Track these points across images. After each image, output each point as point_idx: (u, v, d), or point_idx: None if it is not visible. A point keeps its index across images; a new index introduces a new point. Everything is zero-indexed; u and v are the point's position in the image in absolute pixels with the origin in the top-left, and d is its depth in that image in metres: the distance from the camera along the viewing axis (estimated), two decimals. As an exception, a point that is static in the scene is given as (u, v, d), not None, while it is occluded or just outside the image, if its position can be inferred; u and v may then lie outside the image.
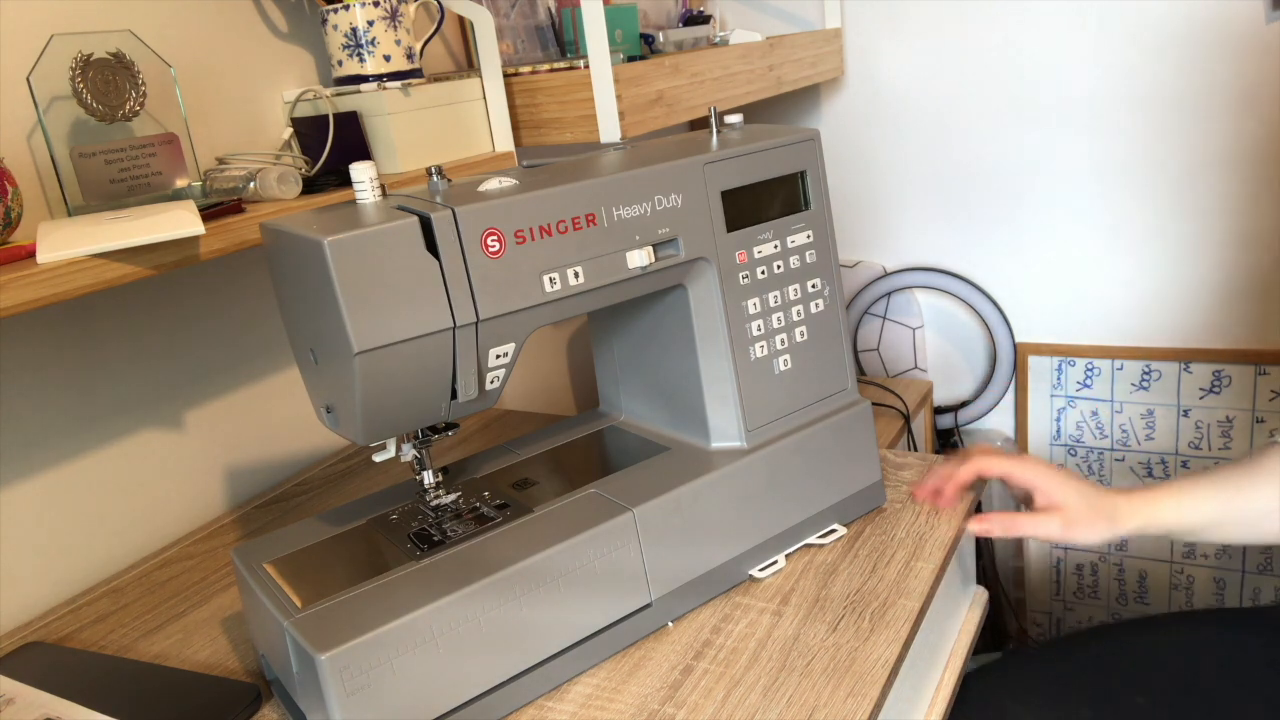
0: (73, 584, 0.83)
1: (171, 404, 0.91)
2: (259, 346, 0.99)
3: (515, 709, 0.61)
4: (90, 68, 0.73)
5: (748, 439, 0.72)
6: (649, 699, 0.60)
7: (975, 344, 1.69)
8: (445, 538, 0.64)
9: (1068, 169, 1.51)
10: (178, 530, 0.92)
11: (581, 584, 0.62)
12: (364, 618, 0.55)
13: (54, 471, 0.82)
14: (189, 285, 0.92)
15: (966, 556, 0.85)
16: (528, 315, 0.61)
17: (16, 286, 0.60)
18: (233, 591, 0.79)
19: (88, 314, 0.84)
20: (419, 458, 0.67)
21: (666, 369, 0.75)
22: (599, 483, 0.69)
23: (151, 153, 0.77)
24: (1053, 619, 1.70)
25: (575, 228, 0.62)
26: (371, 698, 0.54)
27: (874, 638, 0.64)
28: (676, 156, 0.67)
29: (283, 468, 1.01)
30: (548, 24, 1.27)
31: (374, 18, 0.91)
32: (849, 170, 1.70)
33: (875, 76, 1.62)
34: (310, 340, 0.60)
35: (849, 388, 0.78)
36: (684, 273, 0.69)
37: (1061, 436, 1.63)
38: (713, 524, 0.69)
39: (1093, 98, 1.46)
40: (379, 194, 0.60)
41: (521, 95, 1.04)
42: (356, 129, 0.91)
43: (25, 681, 0.65)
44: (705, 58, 1.16)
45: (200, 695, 0.64)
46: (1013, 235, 1.59)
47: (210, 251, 0.71)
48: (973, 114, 1.56)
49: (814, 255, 0.74)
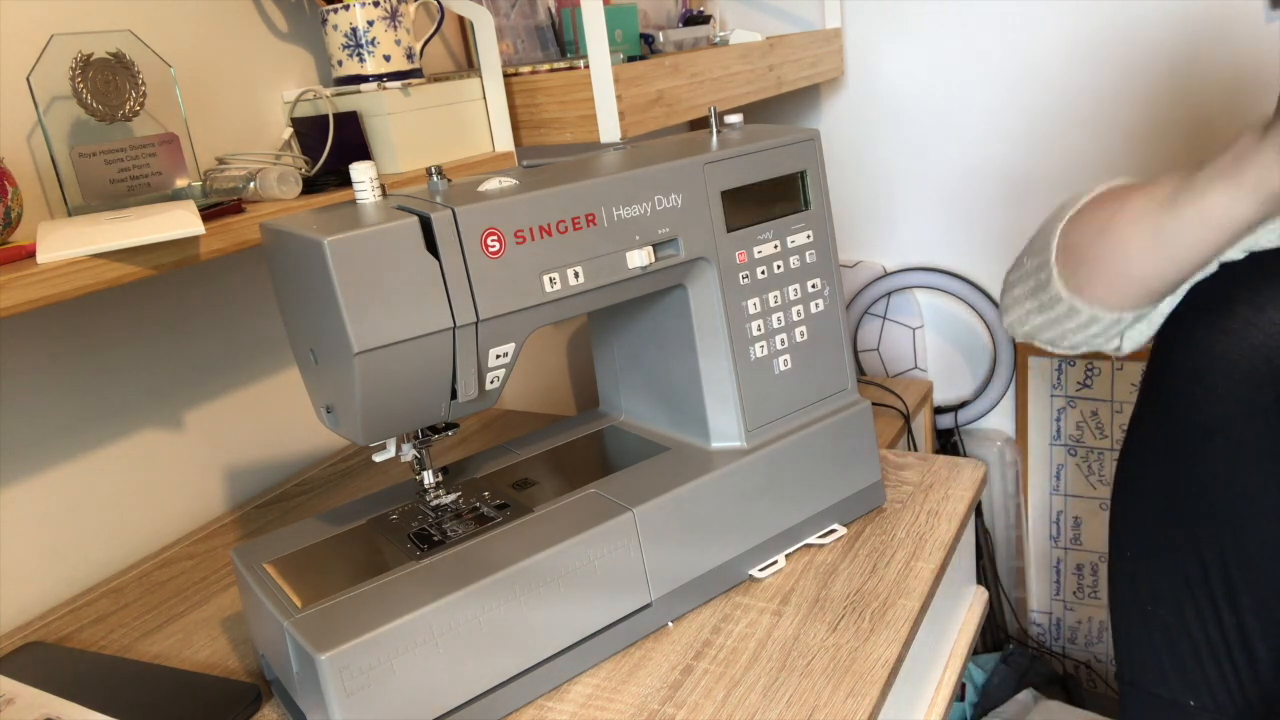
0: (73, 584, 0.83)
1: (171, 404, 0.91)
2: (259, 346, 0.99)
3: (515, 709, 0.61)
4: (90, 68, 0.73)
5: (748, 439, 0.72)
6: (649, 699, 0.60)
7: (975, 344, 1.69)
8: (445, 538, 0.64)
9: (1067, 169, 1.51)
10: (178, 530, 0.92)
11: (581, 584, 0.62)
12: (364, 618, 0.55)
13: (54, 471, 0.82)
14: (189, 285, 0.92)
15: (966, 556, 0.85)
16: (528, 315, 0.61)
17: (16, 286, 0.60)
18: (233, 591, 0.79)
19: (88, 314, 0.84)
20: (419, 458, 0.67)
21: (666, 369, 0.75)
22: (599, 483, 0.69)
23: (151, 153, 0.77)
24: (1053, 619, 1.70)
25: (575, 228, 0.62)
26: (371, 698, 0.54)
27: (874, 638, 0.64)
28: (676, 156, 0.67)
29: (283, 468, 1.01)
30: (548, 24, 1.27)
31: (374, 18, 0.91)
32: (849, 170, 1.70)
33: (875, 76, 1.62)
34: (310, 340, 0.60)
35: (849, 388, 0.78)
36: (684, 273, 0.69)
37: (1061, 436, 1.63)
38: (713, 524, 0.69)
39: (1092, 97, 1.46)
40: (379, 194, 0.60)
41: (521, 95, 1.04)
42: (356, 129, 0.91)
43: (25, 681, 0.65)
44: (705, 58, 1.16)
45: (200, 695, 0.64)
46: (1013, 235, 1.59)
47: (210, 251, 0.71)
48: (973, 114, 1.56)
49: (814, 255, 0.74)
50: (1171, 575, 0.72)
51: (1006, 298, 0.74)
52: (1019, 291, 0.73)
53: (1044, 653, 1.69)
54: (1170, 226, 0.61)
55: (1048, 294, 0.70)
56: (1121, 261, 0.64)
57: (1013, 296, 0.73)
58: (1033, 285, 0.71)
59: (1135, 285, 0.65)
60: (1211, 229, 0.60)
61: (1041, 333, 0.72)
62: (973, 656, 0.81)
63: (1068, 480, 1.64)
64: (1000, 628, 1.72)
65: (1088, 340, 0.70)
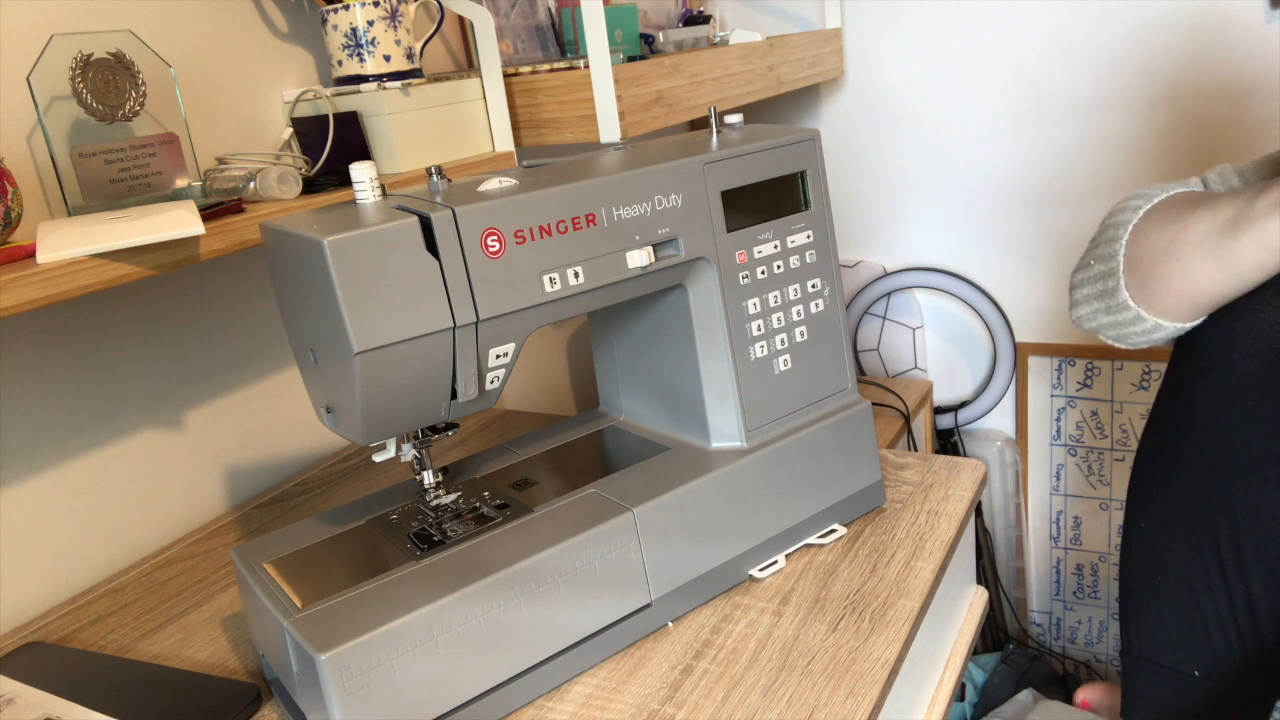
0: (73, 584, 0.83)
1: (171, 404, 0.91)
2: (259, 346, 0.99)
3: (515, 709, 0.61)
4: (90, 68, 0.73)
5: (748, 439, 0.72)
6: (649, 699, 0.60)
7: (975, 344, 1.69)
8: (445, 538, 0.64)
9: (1067, 169, 1.51)
10: (178, 530, 0.92)
11: (581, 584, 0.62)
12: (364, 618, 0.56)
13: (54, 471, 0.82)
14: (189, 285, 0.92)
15: (966, 556, 0.85)
16: (528, 315, 0.61)
17: (16, 286, 0.60)
18: (233, 591, 0.79)
19: (88, 314, 0.84)
20: (419, 458, 0.67)
21: (666, 369, 0.75)
22: (599, 483, 0.69)
23: (151, 153, 0.77)
24: (1053, 619, 1.70)
25: (575, 228, 0.62)
26: (371, 698, 0.54)
27: (874, 638, 0.64)
28: (676, 156, 0.67)
29: (283, 468, 1.01)
30: (548, 24, 1.27)
31: (374, 18, 0.91)
32: (849, 170, 1.70)
33: (875, 76, 1.62)
34: (310, 340, 0.60)
35: (849, 388, 0.78)
36: (684, 273, 0.69)
37: (1061, 436, 1.63)
38: (713, 524, 0.69)
39: (1092, 98, 1.46)
40: (379, 194, 0.60)
41: (521, 95, 1.04)
42: (356, 129, 0.91)
43: (25, 681, 0.65)
44: (705, 58, 1.16)
45: (200, 695, 0.64)
46: (1013, 235, 1.59)
47: (210, 251, 0.71)
48: (973, 114, 1.56)
49: (814, 255, 0.74)
50: (1184, 545, 0.75)
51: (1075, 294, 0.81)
52: (1087, 291, 0.78)
53: (1044, 653, 1.69)
54: (1235, 253, 0.67)
55: (1115, 300, 0.75)
56: (1188, 281, 0.69)
57: (1081, 295, 0.79)
58: (1100, 289, 0.76)
59: (1201, 300, 0.70)
60: (1274, 254, 0.65)
61: (1107, 330, 0.78)
62: (973, 656, 0.82)
63: (1068, 480, 1.64)
64: (1000, 628, 1.72)
65: (1150, 341, 0.76)
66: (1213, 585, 0.74)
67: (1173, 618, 0.76)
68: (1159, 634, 0.77)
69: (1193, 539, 0.74)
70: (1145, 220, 0.75)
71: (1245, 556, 0.72)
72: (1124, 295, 0.74)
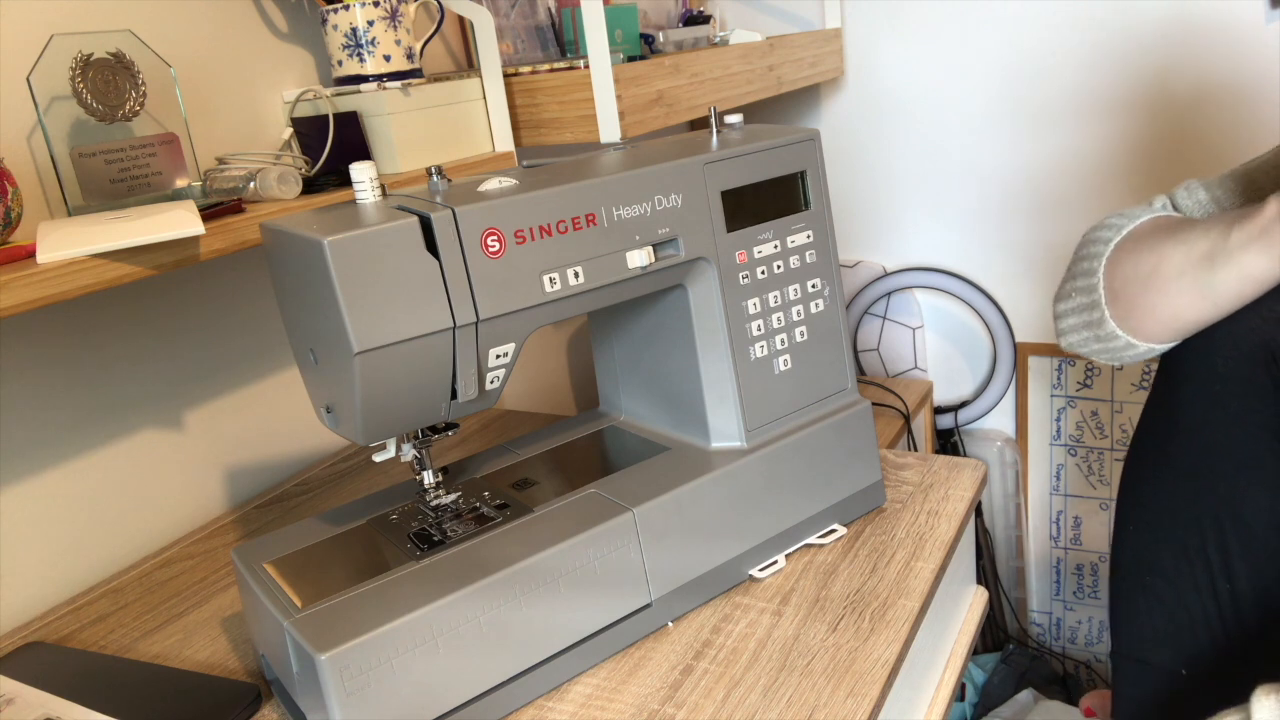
0: (73, 584, 0.83)
1: (171, 404, 0.91)
2: (259, 346, 0.99)
3: (515, 709, 0.61)
4: (90, 68, 0.73)
5: (748, 439, 0.72)
6: (649, 699, 0.60)
7: (975, 344, 1.69)
8: (445, 538, 0.64)
9: (1067, 169, 1.51)
10: (178, 530, 0.92)
11: (581, 584, 0.62)
12: (364, 618, 0.56)
13: (54, 471, 0.82)
14: (189, 285, 0.92)
15: (966, 556, 0.85)
16: (528, 315, 0.61)
17: (16, 286, 0.60)
18: (233, 591, 0.79)
19: (88, 314, 0.84)
20: (419, 458, 0.67)
21: (666, 369, 0.75)
22: (599, 483, 0.69)
23: (151, 153, 0.77)
24: (1052, 619, 1.70)
25: (575, 228, 0.62)
26: (371, 698, 0.54)
27: (874, 638, 0.64)
28: (676, 156, 0.67)
29: (283, 468, 1.01)
30: (548, 24, 1.27)
31: (374, 18, 0.91)
32: (849, 170, 1.70)
33: (875, 76, 1.62)
34: (310, 340, 0.60)
35: (849, 388, 0.78)
36: (684, 273, 0.69)
37: (1061, 436, 1.63)
38: (713, 524, 0.69)
39: (1092, 97, 1.46)
40: (379, 194, 0.61)
41: (521, 95, 1.04)
42: (356, 129, 0.91)
43: (25, 681, 0.65)
44: (705, 58, 1.16)
45: (200, 695, 0.64)
46: (1013, 235, 1.59)
47: (210, 251, 0.71)
48: (973, 114, 1.56)
49: (814, 255, 0.74)
50: (1172, 546, 0.76)
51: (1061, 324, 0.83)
52: (1074, 321, 0.80)
53: (1044, 653, 1.69)
54: (1214, 286, 0.69)
55: (1104, 330, 0.77)
56: (1170, 309, 0.72)
57: (1068, 324, 0.81)
58: (1086, 320, 0.78)
59: (1186, 326, 0.72)
60: (1252, 284, 0.67)
61: (1100, 355, 0.80)
62: (973, 656, 0.82)
63: (1068, 480, 1.64)
64: (1000, 628, 1.72)
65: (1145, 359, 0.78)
66: (1200, 586, 0.75)
67: (1161, 617, 0.77)
68: (1147, 633, 0.78)
69: (1180, 540, 0.75)
70: (1118, 252, 0.76)
71: (1231, 556, 0.73)
72: (1111, 325, 0.76)
